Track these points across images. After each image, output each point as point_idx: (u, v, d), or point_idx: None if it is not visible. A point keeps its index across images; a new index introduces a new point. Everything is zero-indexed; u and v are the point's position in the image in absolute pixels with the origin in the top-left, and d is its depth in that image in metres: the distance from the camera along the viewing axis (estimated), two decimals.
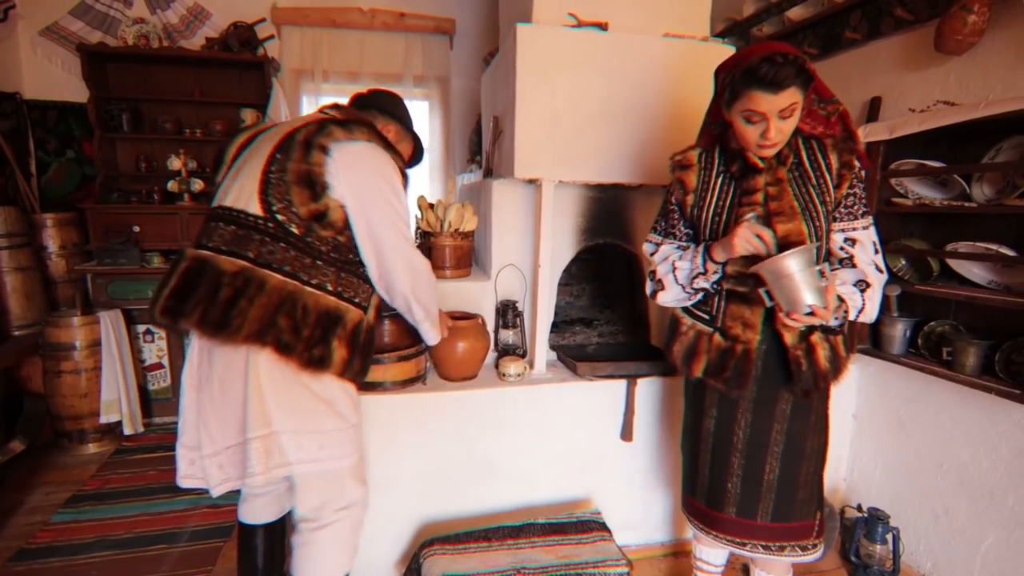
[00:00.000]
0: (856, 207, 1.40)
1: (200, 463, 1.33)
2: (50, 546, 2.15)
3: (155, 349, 3.27)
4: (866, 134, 2.03)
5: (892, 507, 2.14)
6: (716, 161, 1.47)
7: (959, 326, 1.98)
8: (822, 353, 1.39)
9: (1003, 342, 1.77)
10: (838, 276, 1.38)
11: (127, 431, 3.02)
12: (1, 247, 2.90)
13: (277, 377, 1.28)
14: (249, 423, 1.28)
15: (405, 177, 1.46)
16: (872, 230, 1.42)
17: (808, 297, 1.25)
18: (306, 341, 1.27)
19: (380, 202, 1.36)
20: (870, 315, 1.39)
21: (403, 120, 1.63)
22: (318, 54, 3.71)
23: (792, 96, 1.26)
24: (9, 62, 3.32)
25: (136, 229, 3.28)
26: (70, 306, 3.07)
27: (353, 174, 1.32)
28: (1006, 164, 1.74)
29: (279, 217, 1.28)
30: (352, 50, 3.76)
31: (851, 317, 1.38)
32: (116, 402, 2.96)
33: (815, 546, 1.51)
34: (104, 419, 2.93)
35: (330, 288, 1.33)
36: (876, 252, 1.42)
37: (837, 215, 1.41)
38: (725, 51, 2.02)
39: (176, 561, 2.07)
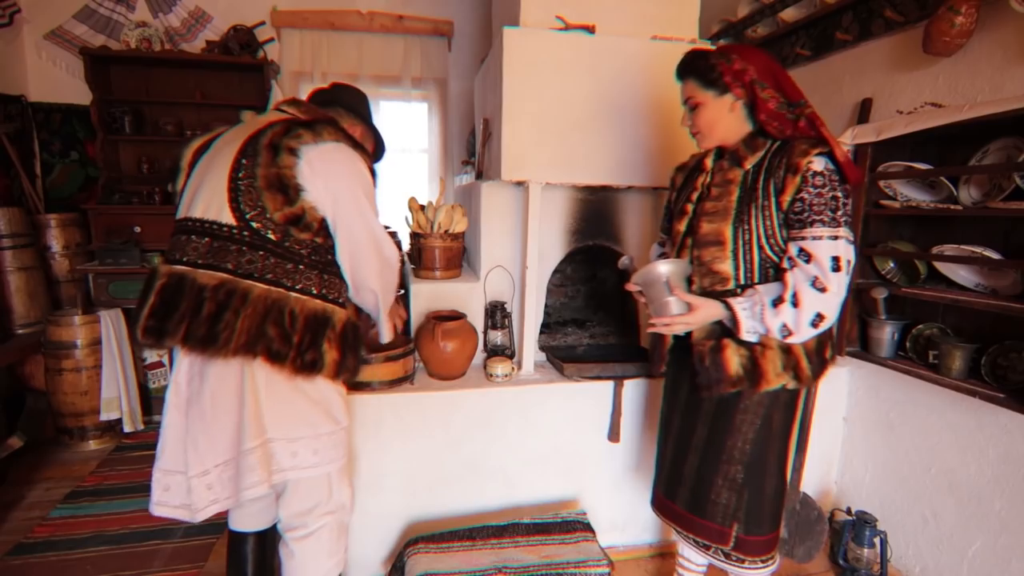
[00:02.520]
0: (805, 214, 1.26)
1: (177, 488, 1.29)
2: (47, 541, 2.19)
3: None
4: (854, 136, 2.02)
5: (882, 511, 2.13)
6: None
7: (947, 329, 1.96)
8: (734, 359, 1.35)
9: (989, 345, 1.76)
10: (756, 290, 1.31)
11: (127, 428, 3.06)
12: (5, 247, 2.96)
13: (274, 385, 1.28)
14: (245, 434, 1.27)
15: (374, 174, 1.44)
16: (828, 242, 1.24)
17: (652, 309, 1.40)
18: (297, 347, 1.26)
19: (354, 204, 1.35)
20: (784, 332, 1.29)
21: (368, 119, 1.62)
22: (317, 56, 3.74)
23: (689, 88, 1.39)
24: (14, 65, 3.38)
25: (137, 230, 3.33)
26: (72, 305, 3.11)
27: (327, 177, 1.30)
28: (991, 167, 1.73)
29: (254, 225, 1.26)
30: (351, 52, 3.78)
31: (744, 334, 1.33)
32: (116, 400, 3.00)
33: (766, 562, 1.48)
34: (104, 416, 2.97)
35: (315, 292, 1.32)
36: (834, 269, 1.23)
37: (789, 223, 1.30)
38: None
39: (169, 557, 2.11)
